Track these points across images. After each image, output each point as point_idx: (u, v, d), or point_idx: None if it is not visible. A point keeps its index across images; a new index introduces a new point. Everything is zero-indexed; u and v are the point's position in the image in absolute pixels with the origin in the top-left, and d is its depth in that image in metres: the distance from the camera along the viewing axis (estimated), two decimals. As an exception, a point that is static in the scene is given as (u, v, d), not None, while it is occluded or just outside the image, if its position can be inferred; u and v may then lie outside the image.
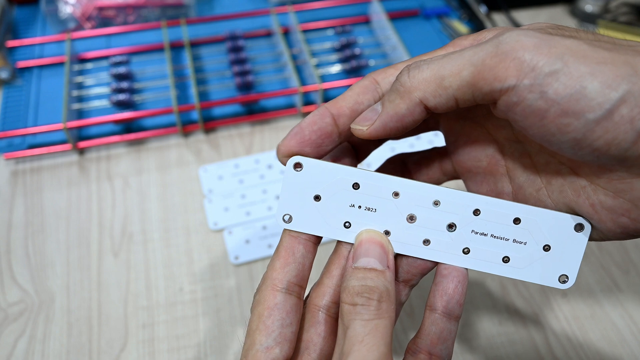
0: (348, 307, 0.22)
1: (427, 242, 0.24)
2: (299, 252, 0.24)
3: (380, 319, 0.21)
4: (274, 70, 0.58)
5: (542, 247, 0.24)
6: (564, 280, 0.24)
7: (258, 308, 0.23)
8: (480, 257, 0.24)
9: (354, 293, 0.22)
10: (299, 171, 0.24)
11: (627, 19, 0.65)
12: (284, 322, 0.23)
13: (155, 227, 0.46)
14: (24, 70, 0.57)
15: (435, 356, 0.23)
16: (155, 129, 0.52)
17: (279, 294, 0.23)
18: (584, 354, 0.39)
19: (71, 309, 0.41)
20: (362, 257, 0.23)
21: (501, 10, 0.66)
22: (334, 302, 0.24)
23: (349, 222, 0.24)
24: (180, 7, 0.62)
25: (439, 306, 0.23)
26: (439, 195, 0.24)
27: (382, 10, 0.59)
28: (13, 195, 0.48)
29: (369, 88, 0.24)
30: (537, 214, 0.24)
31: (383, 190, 0.24)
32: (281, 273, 0.24)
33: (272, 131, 0.53)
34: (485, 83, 0.20)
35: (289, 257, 0.24)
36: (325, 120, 0.24)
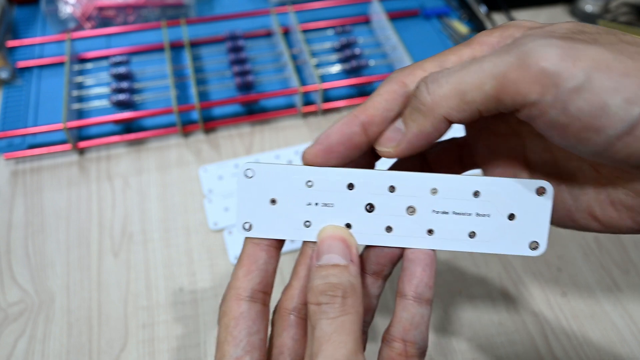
0: (313, 307, 0.22)
1: (390, 229, 0.24)
2: (261, 259, 0.24)
3: (346, 314, 0.21)
4: (274, 70, 0.58)
5: (506, 217, 0.24)
6: (534, 246, 0.24)
7: (224, 319, 0.23)
8: (445, 236, 0.24)
9: (318, 292, 0.22)
10: (251, 177, 0.24)
11: (627, 19, 0.65)
12: (251, 330, 0.23)
13: (155, 227, 0.46)
14: (24, 70, 0.57)
15: (410, 342, 0.23)
16: (155, 129, 0.52)
17: (243, 302, 0.23)
18: (584, 354, 0.39)
19: (71, 309, 0.41)
20: (324, 255, 0.23)
21: (501, 10, 0.66)
22: (303, 303, 0.24)
23: (308, 220, 0.24)
24: (180, 7, 0.62)
25: (408, 291, 0.23)
26: (393, 181, 0.24)
27: (382, 10, 0.59)
28: (13, 195, 0.48)
29: (398, 93, 0.23)
30: (495, 184, 0.23)
31: (337, 184, 0.24)
32: (244, 281, 0.24)
33: (272, 131, 0.53)
34: (508, 97, 0.20)
35: (251, 265, 0.24)
36: (353, 129, 0.23)
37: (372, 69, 0.58)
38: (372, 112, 0.23)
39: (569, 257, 0.44)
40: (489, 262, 0.44)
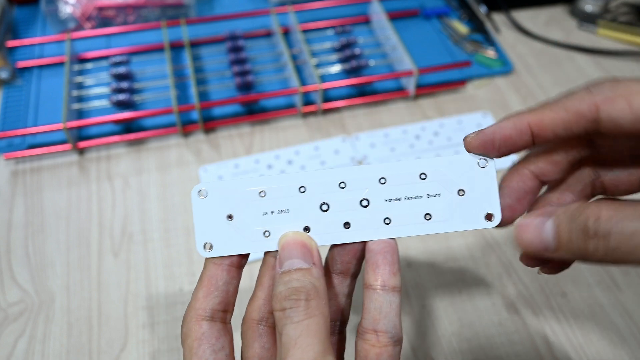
0: (279, 314, 0.22)
1: (348, 224, 0.24)
2: (222, 279, 0.24)
3: (310, 317, 0.21)
4: (274, 70, 0.58)
5: (456, 193, 0.24)
6: (489, 217, 0.24)
7: (187, 341, 0.23)
8: (403, 222, 0.24)
9: (282, 298, 0.22)
10: (204, 197, 0.24)
11: (627, 19, 0.65)
12: (215, 347, 0.23)
13: (155, 227, 0.46)
14: (24, 70, 0.57)
15: (381, 332, 0.23)
16: (155, 129, 0.52)
17: (204, 322, 0.24)
18: (584, 354, 0.39)
19: (71, 309, 0.41)
20: (285, 261, 0.23)
21: (501, 10, 0.66)
22: (270, 312, 0.24)
23: (267, 230, 0.24)
24: (180, 7, 0.62)
25: (372, 282, 0.23)
26: (342, 177, 0.24)
27: (382, 10, 0.59)
28: (13, 195, 0.48)
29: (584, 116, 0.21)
30: (439, 164, 0.24)
31: (288, 189, 0.24)
32: (204, 302, 0.24)
33: (272, 131, 0.53)
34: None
35: (211, 287, 0.24)
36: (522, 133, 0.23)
37: (372, 69, 0.58)
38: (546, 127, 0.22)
39: (569, 257, 0.44)
40: (489, 262, 0.44)
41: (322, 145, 0.52)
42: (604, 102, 0.21)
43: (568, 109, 0.22)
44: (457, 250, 0.45)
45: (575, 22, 0.66)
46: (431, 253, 0.45)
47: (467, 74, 0.58)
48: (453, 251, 0.45)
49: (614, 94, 0.21)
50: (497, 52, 0.60)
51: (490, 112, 0.55)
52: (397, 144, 0.52)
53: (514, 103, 0.56)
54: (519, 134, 0.23)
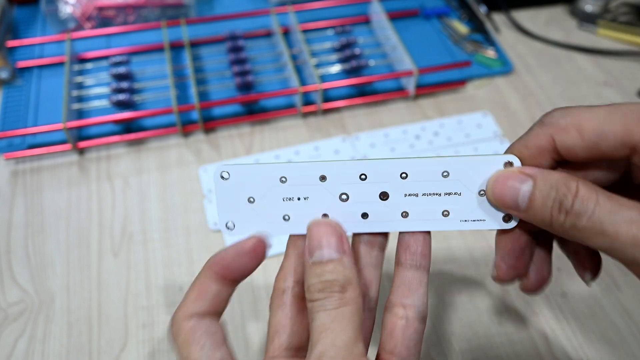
0: (312, 304, 0.22)
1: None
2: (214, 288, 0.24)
3: (345, 306, 0.21)
4: (274, 70, 0.58)
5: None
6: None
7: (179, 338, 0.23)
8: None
9: (315, 290, 0.22)
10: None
11: (627, 19, 0.65)
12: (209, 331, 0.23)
13: (155, 227, 0.46)
14: (24, 70, 0.57)
15: (409, 306, 0.23)
16: (155, 129, 0.52)
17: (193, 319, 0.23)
18: (584, 354, 0.39)
19: (71, 309, 0.41)
20: (316, 251, 0.23)
21: (501, 10, 0.66)
22: (296, 281, 0.25)
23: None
24: (180, 7, 0.62)
25: (403, 260, 0.24)
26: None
27: (382, 10, 0.59)
28: (13, 195, 0.48)
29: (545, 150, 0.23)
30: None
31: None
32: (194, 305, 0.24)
33: (272, 131, 0.53)
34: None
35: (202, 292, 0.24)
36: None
37: (372, 69, 0.58)
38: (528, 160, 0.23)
39: (569, 257, 0.44)
40: (489, 262, 0.44)
41: (322, 145, 0.52)
42: (558, 133, 0.22)
43: (529, 146, 0.23)
44: (457, 251, 0.45)
45: (575, 22, 0.66)
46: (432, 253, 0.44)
47: (467, 74, 0.58)
48: (453, 251, 0.45)
49: (565, 123, 0.22)
50: (497, 52, 0.60)
51: (490, 112, 0.55)
52: (397, 144, 0.52)
53: (514, 103, 0.56)
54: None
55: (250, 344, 0.40)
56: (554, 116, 0.22)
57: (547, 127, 0.23)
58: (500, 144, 0.52)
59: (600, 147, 0.21)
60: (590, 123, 0.21)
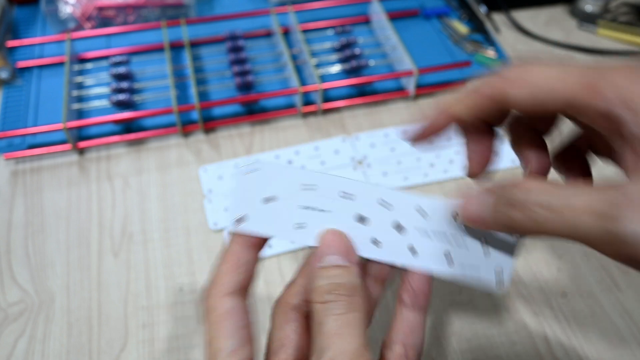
0: (319, 306, 0.22)
1: (378, 242, 0.25)
2: (244, 258, 0.25)
3: (352, 312, 0.21)
4: (274, 70, 0.58)
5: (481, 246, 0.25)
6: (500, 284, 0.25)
7: (212, 315, 0.24)
8: (426, 258, 0.25)
9: (323, 291, 0.22)
10: (250, 173, 0.24)
11: (627, 19, 0.65)
12: (240, 324, 0.23)
13: (155, 227, 0.46)
14: (24, 70, 0.57)
15: (409, 346, 0.24)
16: (155, 129, 0.52)
17: (229, 298, 0.24)
18: (584, 354, 0.39)
19: (71, 309, 0.41)
20: (325, 256, 0.23)
21: (501, 10, 0.66)
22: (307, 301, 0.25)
23: (303, 223, 0.24)
24: (180, 7, 0.62)
25: (406, 299, 0.24)
26: (386, 196, 0.24)
27: (382, 10, 0.59)
28: (13, 195, 0.48)
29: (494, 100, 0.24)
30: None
31: (333, 191, 0.24)
32: (229, 277, 0.24)
33: (272, 131, 0.53)
34: None
35: (234, 263, 0.24)
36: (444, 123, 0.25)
37: (372, 69, 0.58)
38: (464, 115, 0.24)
39: (569, 257, 0.44)
40: (489, 262, 0.44)
41: (322, 145, 0.52)
42: (510, 85, 0.23)
43: (483, 94, 0.24)
44: (457, 250, 0.45)
45: (575, 22, 0.66)
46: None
47: (467, 74, 0.58)
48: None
49: (518, 76, 0.22)
50: (497, 52, 0.60)
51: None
52: (397, 144, 0.52)
53: (514, 103, 0.56)
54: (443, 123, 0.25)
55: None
56: (505, 69, 0.23)
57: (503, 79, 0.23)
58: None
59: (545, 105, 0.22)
60: (537, 78, 0.22)
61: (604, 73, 0.21)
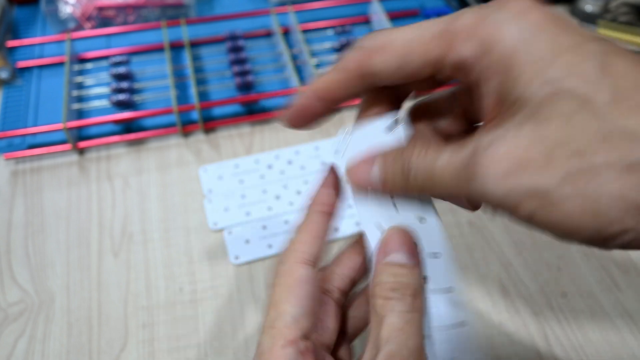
0: (383, 301, 0.22)
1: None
2: (322, 228, 0.25)
3: (415, 312, 0.21)
4: (274, 70, 0.58)
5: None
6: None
7: (285, 278, 0.23)
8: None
9: (388, 288, 0.22)
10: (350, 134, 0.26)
11: (627, 19, 0.65)
12: (310, 294, 0.23)
13: (155, 227, 0.46)
14: (24, 70, 0.57)
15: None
16: (155, 129, 0.52)
17: (306, 266, 0.23)
18: (584, 354, 0.39)
19: (71, 309, 0.41)
20: (392, 252, 0.23)
21: (501, 10, 0.66)
22: (338, 287, 0.25)
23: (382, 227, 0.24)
24: (180, 7, 0.62)
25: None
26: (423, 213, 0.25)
27: (382, 10, 0.59)
28: (13, 195, 0.48)
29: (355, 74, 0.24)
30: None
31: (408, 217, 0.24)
32: (307, 246, 0.24)
33: (272, 131, 0.53)
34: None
35: (314, 232, 0.24)
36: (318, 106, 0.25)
37: (372, 69, 0.58)
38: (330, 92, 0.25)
39: (569, 257, 0.44)
40: (489, 262, 0.44)
41: (322, 145, 0.52)
42: (370, 55, 0.22)
43: (346, 68, 0.23)
44: (457, 251, 0.45)
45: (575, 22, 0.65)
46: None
47: (467, 74, 0.58)
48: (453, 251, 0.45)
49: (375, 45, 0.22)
50: (497, 52, 0.60)
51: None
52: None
53: (514, 103, 0.56)
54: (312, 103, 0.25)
55: (250, 345, 0.40)
56: (365, 39, 0.23)
57: (359, 50, 0.23)
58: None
59: (407, 67, 0.22)
60: (396, 44, 0.22)
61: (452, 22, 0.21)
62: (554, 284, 0.43)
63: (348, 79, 0.23)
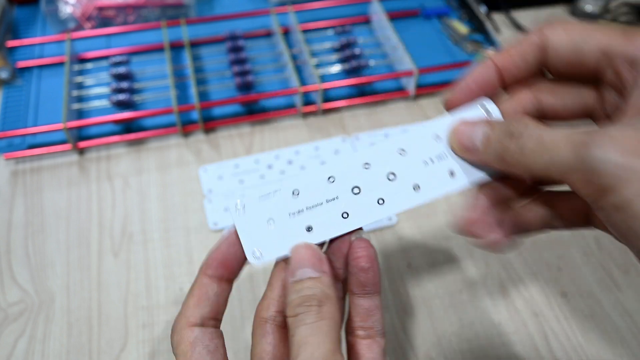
0: (292, 320, 0.22)
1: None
2: (212, 290, 0.25)
3: (322, 319, 0.22)
4: (274, 70, 0.58)
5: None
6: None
7: (180, 347, 0.24)
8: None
9: (295, 305, 0.22)
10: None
11: (627, 19, 0.65)
12: (209, 348, 0.24)
13: (155, 227, 0.46)
14: (24, 70, 0.57)
15: (369, 328, 0.25)
16: (155, 129, 0.52)
17: (195, 328, 0.24)
18: (584, 354, 0.39)
19: (71, 309, 0.41)
20: (297, 270, 0.23)
21: (501, 10, 0.66)
22: (279, 311, 0.25)
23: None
24: (180, 7, 0.62)
25: (358, 290, 0.25)
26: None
27: (382, 10, 0.59)
28: (13, 195, 0.48)
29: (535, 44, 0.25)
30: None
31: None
32: (195, 311, 0.25)
33: (272, 131, 0.53)
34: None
35: (202, 296, 0.25)
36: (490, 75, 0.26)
37: (372, 69, 0.58)
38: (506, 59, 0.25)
39: (569, 257, 0.44)
40: (489, 262, 0.44)
41: (322, 145, 0.52)
42: (549, 30, 0.24)
43: (521, 41, 0.25)
44: (458, 251, 0.45)
45: (575, 22, 0.65)
46: (431, 253, 0.45)
47: (467, 74, 0.58)
48: (453, 251, 0.45)
49: (558, 25, 0.24)
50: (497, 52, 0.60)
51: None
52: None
53: (514, 103, 0.56)
54: (488, 71, 0.26)
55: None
56: (552, 22, 0.25)
57: (542, 27, 0.25)
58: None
59: (582, 51, 0.24)
60: (578, 28, 0.24)
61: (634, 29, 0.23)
62: (554, 284, 0.43)
63: (525, 51, 0.25)
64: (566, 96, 0.26)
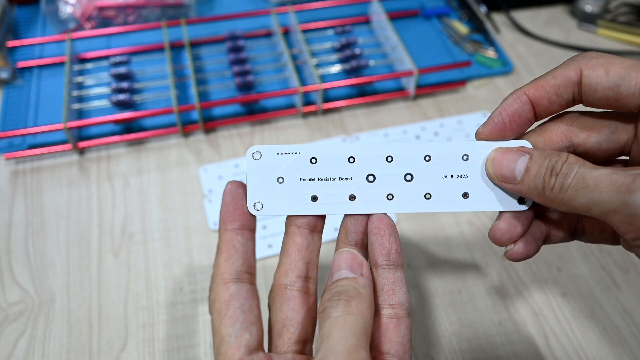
0: (321, 315, 0.22)
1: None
2: (238, 242, 0.25)
3: (349, 315, 0.22)
4: (274, 70, 0.58)
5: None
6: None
7: (215, 305, 0.24)
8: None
9: (325, 301, 0.22)
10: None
11: (627, 19, 0.65)
12: (244, 308, 0.24)
13: (155, 227, 0.46)
14: (24, 70, 0.57)
15: (397, 305, 0.24)
16: (155, 129, 0.52)
17: (230, 285, 0.24)
18: (584, 354, 0.39)
19: (71, 309, 0.41)
20: (335, 273, 0.24)
21: (501, 10, 0.66)
22: (298, 276, 0.25)
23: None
24: (180, 7, 0.62)
25: (381, 261, 0.24)
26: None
27: (382, 10, 0.59)
28: (13, 195, 0.48)
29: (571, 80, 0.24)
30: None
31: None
32: (227, 266, 0.25)
33: (272, 131, 0.53)
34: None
35: (230, 250, 0.25)
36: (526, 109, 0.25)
37: (372, 69, 0.58)
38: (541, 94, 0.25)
39: (569, 257, 0.45)
40: (489, 262, 0.44)
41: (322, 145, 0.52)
42: (587, 67, 0.24)
43: (556, 75, 0.24)
44: (458, 251, 0.45)
45: (575, 22, 0.65)
46: (432, 253, 0.45)
47: (467, 74, 0.58)
48: (453, 251, 0.45)
49: (596, 61, 0.24)
50: (497, 52, 0.60)
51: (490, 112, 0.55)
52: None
53: (514, 103, 0.56)
54: (522, 106, 0.25)
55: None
56: (587, 54, 0.24)
57: (578, 61, 0.24)
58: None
59: (620, 89, 0.23)
60: (617, 66, 0.23)
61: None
62: (554, 284, 0.43)
63: (560, 86, 0.24)
64: (600, 134, 0.25)
